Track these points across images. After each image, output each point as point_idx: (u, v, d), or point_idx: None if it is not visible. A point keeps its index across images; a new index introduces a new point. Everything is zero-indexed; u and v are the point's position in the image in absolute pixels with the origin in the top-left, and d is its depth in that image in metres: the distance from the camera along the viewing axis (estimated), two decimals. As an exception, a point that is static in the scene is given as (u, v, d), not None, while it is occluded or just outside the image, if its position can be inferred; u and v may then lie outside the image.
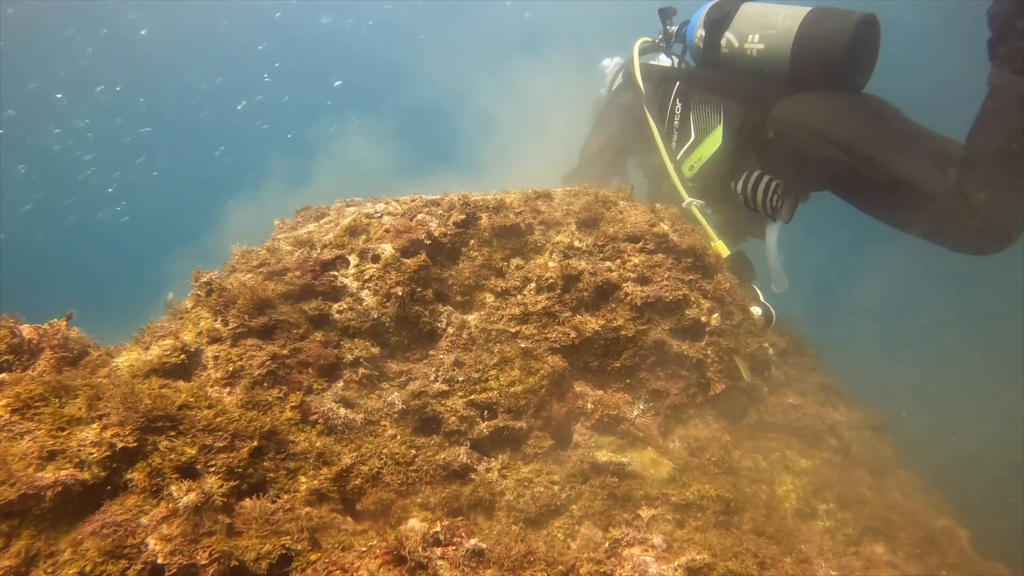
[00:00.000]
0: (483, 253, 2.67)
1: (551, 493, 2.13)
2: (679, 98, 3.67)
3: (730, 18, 3.26)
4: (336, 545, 1.72)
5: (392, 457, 2.09)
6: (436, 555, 1.64)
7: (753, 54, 3.18)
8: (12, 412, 1.69)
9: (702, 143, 3.57)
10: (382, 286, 2.41)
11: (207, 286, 2.36)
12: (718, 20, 3.29)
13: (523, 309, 2.53)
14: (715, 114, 3.50)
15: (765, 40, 3.13)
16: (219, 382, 2.11)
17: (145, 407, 1.71)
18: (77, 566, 1.47)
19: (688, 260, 2.77)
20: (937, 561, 2.58)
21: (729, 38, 3.26)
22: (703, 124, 3.57)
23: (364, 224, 2.63)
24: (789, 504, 2.60)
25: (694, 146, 3.62)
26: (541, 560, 1.74)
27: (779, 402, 3.07)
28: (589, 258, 2.68)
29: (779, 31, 3.08)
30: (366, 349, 2.32)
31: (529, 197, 2.93)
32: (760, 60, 3.18)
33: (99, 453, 1.63)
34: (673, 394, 2.64)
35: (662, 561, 1.83)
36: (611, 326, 2.54)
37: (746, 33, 3.20)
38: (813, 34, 2.98)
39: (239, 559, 1.60)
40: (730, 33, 3.26)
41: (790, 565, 2.06)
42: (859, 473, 2.98)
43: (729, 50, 3.28)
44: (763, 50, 3.14)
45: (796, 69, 3.07)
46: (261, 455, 1.90)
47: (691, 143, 3.63)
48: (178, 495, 1.63)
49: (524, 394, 2.29)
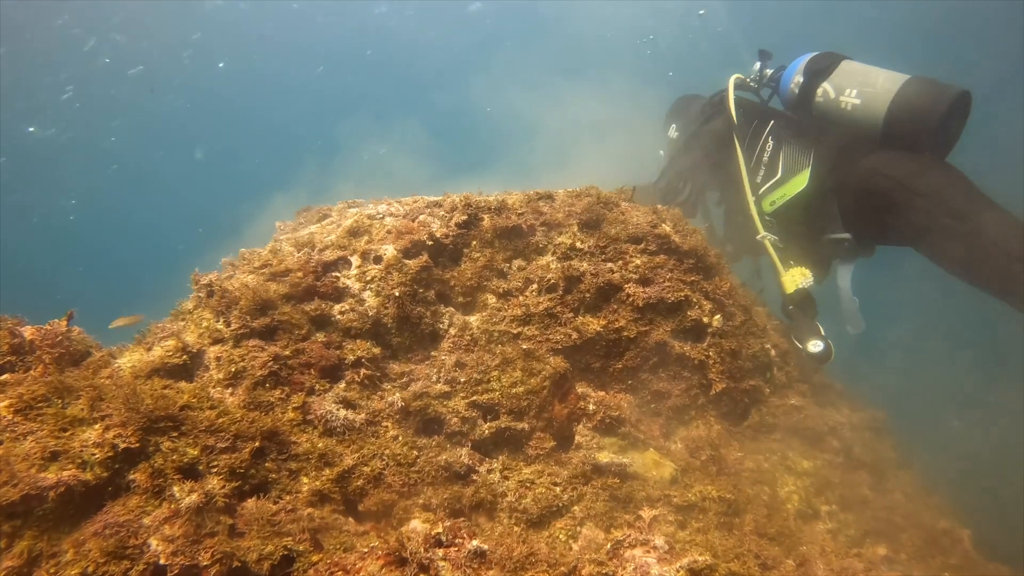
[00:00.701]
0: (485, 254, 2.67)
1: (553, 494, 2.13)
2: (772, 135, 3.82)
3: (831, 70, 3.45)
4: (338, 546, 1.72)
5: (394, 458, 2.09)
6: (438, 556, 1.64)
7: (848, 107, 3.37)
8: (15, 413, 1.69)
9: (788, 182, 3.69)
10: (384, 287, 2.41)
11: (207, 288, 2.36)
12: (819, 70, 3.48)
13: (525, 310, 2.53)
14: (805, 157, 3.63)
15: (863, 96, 3.31)
16: (221, 383, 2.11)
17: (147, 408, 1.71)
18: (79, 567, 1.47)
19: (690, 261, 2.77)
20: (939, 562, 2.58)
21: (826, 88, 3.45)
22: (792, 164, 3.69)
23: (366, 225, 2.63)
24: (791, 505, 2.60)
25: (779, 184, 3.74)
26: (543, 561, 1.74)
27: (781, 403, 3.07)
28: (591, 259, 2.68)
29: (878, 90, 3.27)
30: (368, 350, 2.32)
31: (531, 198, 2.93)
32: (853, 114, 3.36)
33: (101, 454, 1.63)
34: (675, 395, 2.64)
35: (664, 562, 1.83)
36: (613, 327, 2.54)
37: (844, 87, 3.38)
38: (912, 98, 3.17)
39: (241, 560, 1.60)
40: (828, 84, 3.44)
41: (792, 566, 2.06)
42: (861, 474, 2.97)
43: (824, 100, 3.46)
44: (858, 105, 3.33)
45: (889, 128, 3.25)
46: (263, 456, 1.90)
47: (776, 180, 3.76)
48: (180, 496, 1.63)
49: (526, 395, 2.29)
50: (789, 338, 3.47)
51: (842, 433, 3.14)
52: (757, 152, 3.85)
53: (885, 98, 3.23)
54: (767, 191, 3.78)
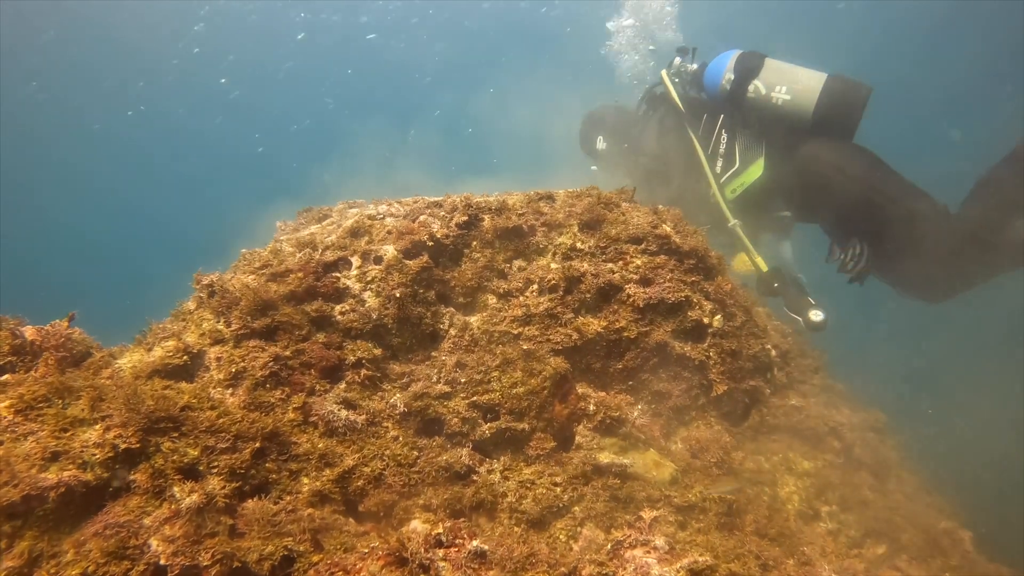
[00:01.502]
0: (485, 255, 2.67)
1: (553, 495, 2.13)
2: (724, 128, 4.21)
3: (759, 69, 3.87)
4: (338, 546, 1.72)
5: (394, 458, 2.09)
6: (438, 557, 1.64)
7: (779, 103, 3.82)
8: (15, 413, 1.69)
9: (746, 171, 4.11)
10: (384, 287, 2.41)
11: (208, 288, 2.36)
12: (749, 69, 3.90)
13: (525, 311, 2.53)
14: (758, 147, 4.08)
15: (792, 93, 3.78)
16: (221, 383, 2.11)
17: (148, 408, 1.71)
18: (80, 567, 1.47)
19: (690, 261, 2.76)
20: (940, 563, 2.58)
21: (757, 85, 3.86)
22: (747, 154, 4.12)
23: (367, 226, 2.63)
24: (791, 506, 2.60)
25: (737, 173, 4.15)
26: (543, 562, 1.74)
27: (782, 404, 3.07)
28: (591, 260, 2.68)
29: (804, 87, 3.76)
30: (368, 350, 2.32)
31: (531, 199, 2.93)
32: (784, 108, 3.82)
33: (102, 454, 1.63)
34: (675, 396, 2.64)
35: (664, 563, 1.83)
36: (613, 327, 2.54)
37: (774, 84, 3.83)
38: (835, 94, 3.70)
39: (241, 560, 1.60)
40: (758, 81, 3.86)
41: (792, 567, 2.06)
42: (862, 475, 2.97)
43: (756, 95, 3.88)
44: (789, 100, 3.80)
45: (818, 119, 3.75)
46: (263, 456, 1.90)
47: (735, 170, 4.16)
48: (181, 496, 1.63)
49: (526, 395, 2.29)
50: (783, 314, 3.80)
51: (843, 434, 3.14)
52: (713, 144, 4.24)
53: (812, 95, 3.72)
54: (728, 180, 4.18)
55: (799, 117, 3.80)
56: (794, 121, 3.83)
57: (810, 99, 3.73)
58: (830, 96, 3.70)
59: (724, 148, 4.19)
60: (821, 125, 3.76)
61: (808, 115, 3.76)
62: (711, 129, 4.28)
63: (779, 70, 3.85)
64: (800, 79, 3.78)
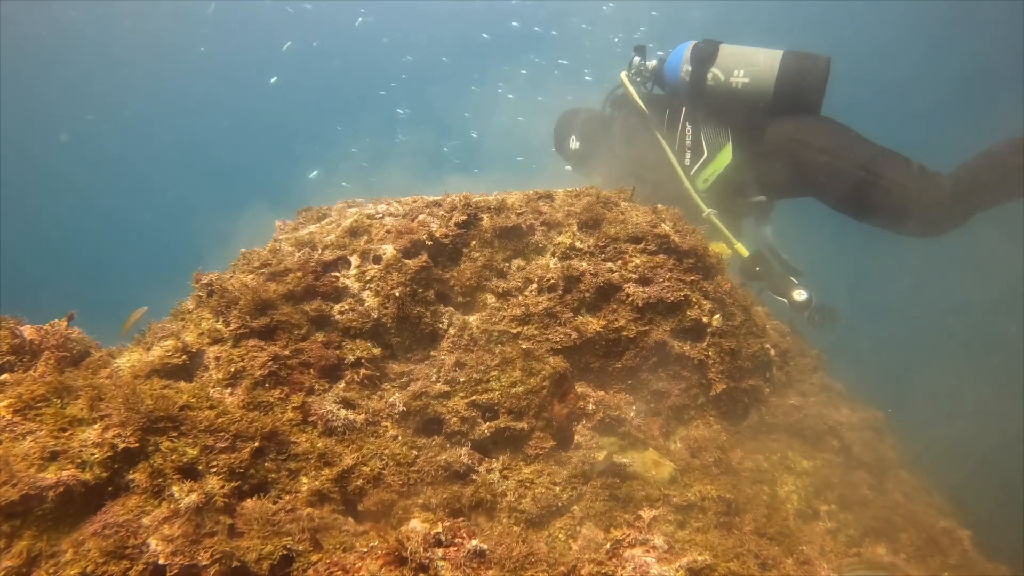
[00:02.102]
0: (484, 254, 2.67)
1: (552, 494, 2.13)
2: (688, 120, 4.22)
3: (715, 56, 3.89)
4: (337, 546, 1.72)
5: (393, 458, 2.09)
6: (437, 556, 1.64)
7: (738, 86, 3.86)
8: (14, 413, 1.69)
9: (715, 159, 4.14)
10: (383, 287, 2.41)
11: (208, 287, 2.36)
12: (705, 57, 3.92)
13: (524, 310, 2.53)
14: (723, 134, 4.10)
15: (750, 75, 3.81)
16: (220, 383, 2.11)
17: (147, 408, 1.71)
18: (79, 567, 1.47)
19: (690, 261, 2.76)
20: (939, 562, 2.58)
21: (715, 72, 3.90)
22: (714, 142, 4.14)
23: (366, 225, 2.63)
24: (791, 505, 2.60)
25: (707, 162, 4.18)
26: (542, 561, 1.74)
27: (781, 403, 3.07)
28: (590, 259, 2.68)
29: (762, 68, 3.78)
30: (367, 350, 2.32)
31: (531, 198, 2.93)
32: (744, 91, 3.86)
33: (101, 454, 1.63)
34: (674, 395, 2.64)
35: (663, 562, 1.83)
36: (612, 327, 2.54)
37: (731, 68, 3.86)
38: (792, 71, 3.73)
39: (240, 560, 1.60)
40: (716, 68, 3.89)
41: (792, 566, 2.06)
42: (861, 474, 2.97)
43: (715, 83, 3.91)
44: (748, 83, 3.83)
45: (778, 98, 3.79)
46: (262, 456, 1.90)
47: (704, 160, 4.19)
48: (180, 496, 1.63)
49: (525, 395, 2.29)
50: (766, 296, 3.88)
51: (842, 433, 3.14)
52: (679, 137, 4.26)
53: (770, 74, 3.76)
54: (698, 171, 4.22)
55: (761, 98, 3.83)
56: (757, 103, 3.86)
57: (769, 78, 3.76)
58: (787, 73, 3.72)
59: (691, 140, 4.21)
60: (784, 103, 3.79)
61: (769, 95, 3.79)
62: (675, 122, 4.29)
63: (735, 54, 3.87)
64: (757, 60, 3.81)
